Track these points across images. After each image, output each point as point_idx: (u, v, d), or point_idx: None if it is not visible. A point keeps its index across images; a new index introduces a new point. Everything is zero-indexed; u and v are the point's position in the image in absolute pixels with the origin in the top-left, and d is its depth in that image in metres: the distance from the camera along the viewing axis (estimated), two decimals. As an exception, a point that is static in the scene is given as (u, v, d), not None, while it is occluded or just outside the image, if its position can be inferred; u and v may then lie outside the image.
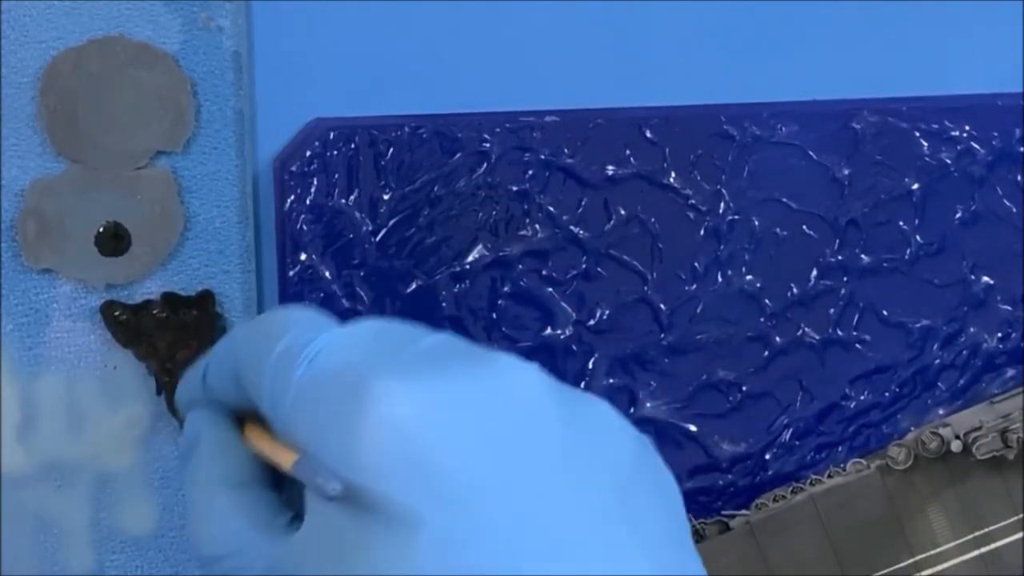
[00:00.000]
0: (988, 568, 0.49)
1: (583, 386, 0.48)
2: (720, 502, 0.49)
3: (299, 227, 0.47)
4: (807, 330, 0.49)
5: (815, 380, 0.49)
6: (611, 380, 0.48)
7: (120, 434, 0.45)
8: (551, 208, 0.48)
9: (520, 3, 0.48)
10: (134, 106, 0.45)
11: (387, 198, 0.48)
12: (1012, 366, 0.49)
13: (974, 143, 0.49)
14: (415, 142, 0.48)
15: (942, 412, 0.49)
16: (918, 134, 0.49)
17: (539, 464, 0.32)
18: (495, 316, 0.48)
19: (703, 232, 0.49)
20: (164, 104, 0.45)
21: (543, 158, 0.48)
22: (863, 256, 0.49)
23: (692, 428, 0.49)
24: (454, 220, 0.48)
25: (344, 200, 0.47)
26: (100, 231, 0.45)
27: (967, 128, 0.49)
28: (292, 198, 0.47)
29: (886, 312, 0.49)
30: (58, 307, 0.45)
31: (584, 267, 0.48)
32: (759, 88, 0.49)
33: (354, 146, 0.47)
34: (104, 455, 0.45)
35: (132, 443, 0.46)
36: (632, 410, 0.48)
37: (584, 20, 0.48)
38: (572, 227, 0.48)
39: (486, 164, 0.48)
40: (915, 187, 0.49)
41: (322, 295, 0.47)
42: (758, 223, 0.49)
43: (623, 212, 0.48)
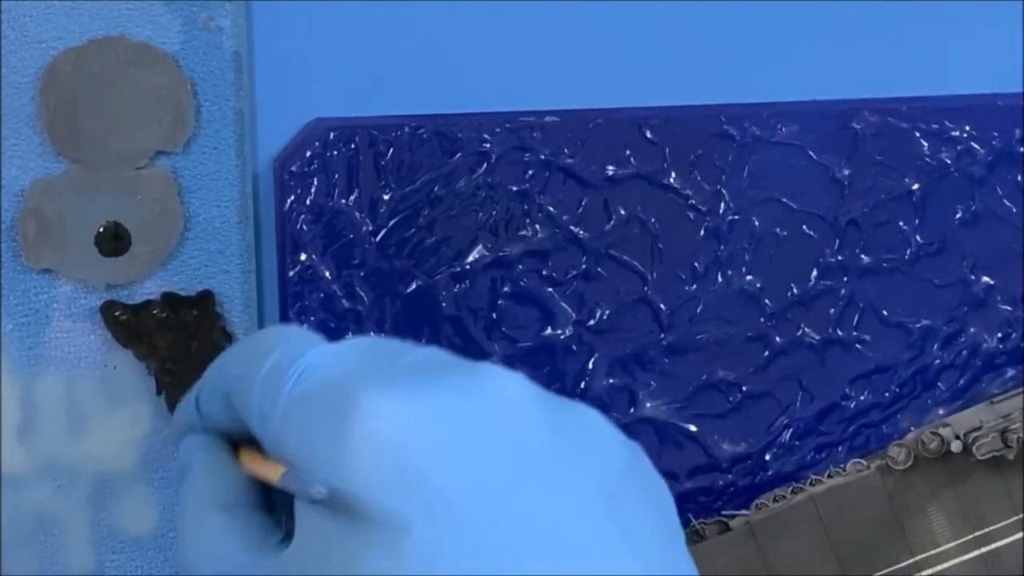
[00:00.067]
0: (988, 568, 0.49)
1: (583, 386, 0.48)
2: (720, 502, 0.49)
3: (299, 227, 0.47)
4: (807, 330, 0.49)
5: (815, 380, 0.49)
6: (611, 380, 0.48)
7: (120, 434, 0.45)
8: (551, 208, 0.48)
9: (520, 3, 0.48)
10: (134, 106, 0.45)
11: (387, 198, 0.48)
12: (1012, 366, 0.49)
13: (974, 143, 0.49)
14: (415, 142, 0.47)
15: (942, 412, 0.49)
16: (918, 134, 0.49)
17: (526, 471, 0.32)
18: (495, 316, 0.48)
19: (703, 232, 0.49)
20: (164, 104, 0.45)
21: (543, 158, 0.48)
22: (863, 256, 0.49)
23: (692, 428, 0.49)
24: (454, 220, 0.48)
25: (344, 200, 0.47)
26: (100, 231, 0.45)
27: (967, 128, 0.49)
28: (292, 198, 0.47)
29: (886, 312, 0.49)
30: (58, 307, 0.45)
31: (584, 267, 0.48)
32: (759, 88, 0.49)
33: (354, 146, 0.47)
34: (104, 455, 0.45)
35: (132, 443, 0.46)
36: (632, 410, 0.48)
37: (584, 20, 0.48)
38: (572, 227, 0.48)
39: (486, 164, 0.48)
40: (915, 187, 0.49)
41: (322, 295, 0.47)
42: (758, 223, 0.49)
43: (623, 212, 0.48)
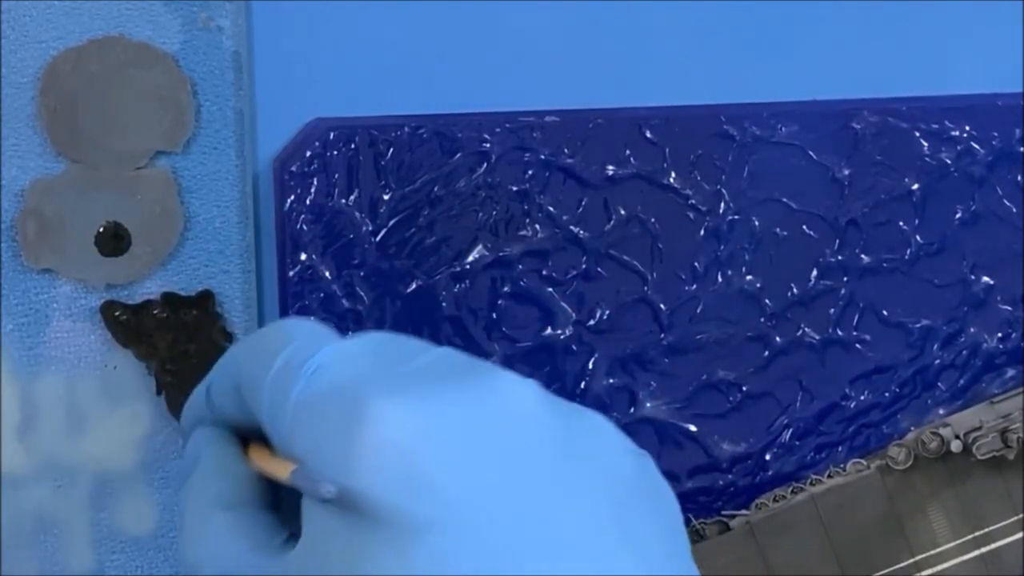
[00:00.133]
0: (988, 568, 0.48)
1: (583, 386, 0.48)
2: (720, 502, 0.49)
3: (299, 227, 0.47)
4: (807, 330, 0.49)
5: (815, 380, 0.49)
6: (611, 380, 0.48)
7: (120, 434, 0.45)
8: (551, 208, 0.48)
9: (520, 3, 0.48)
10: (134, 106, 0.45)
11: (387, 198, 0.48)
12: (1012, 366, 0.49)
13: (974, 143, 0.49)
14: (415, 142, 0.47)
15: (942, 412, 0.49)
16: (918, 134, 0.49)
17: (534, 478, 0.32)
18: (495, 316, 0.48)
19: (703, 232, 0.49)
20: (164, 104, 0.45)
21: (543, 158, 0.48)
22: (863, 256, 0.49)
23: (692, 428, 0.49)
24: (454, 220, 0.48)
25: (344, 200, 0.47)
26: (100, 231, 0.45)
27: (967, 128, 0.49)
28: (292, 198, 0.47)
29: (886, 312, 0.49)
30: (58, 307, 0.45)
31: (584, 267, 0.48)
32: (759, 88, 0.49)
33: (354, 146, 0.47)
34: (104, 455, 0.45)
35: (132, 443, 0.46)
36: (632, 410, 0.48)
37: (584, 20, 0.48)
38: (572, 227, 0.48)
39: (486, 164, 0.48)
40: (915, 187, 0.49)
41: (322, 295, 0.47)
42: (758, 223, 0.49)
43: (623, 212, 0.48)
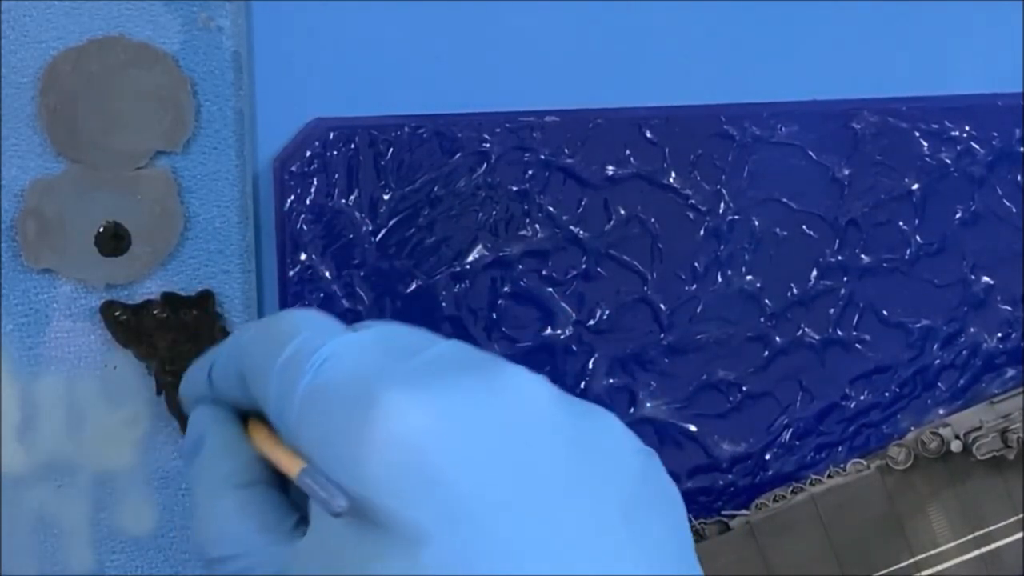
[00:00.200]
0: (988, 568, 0.48)
1: (583, 386, 0.48)
2: (720, 502, 0.49)
3: (299, 227, 0.47)
4: (807, 330, 0.49)
5: (815, 380, 0.49)
6: (611, 380, 0.48)
7: (120, 434, 0.45)
8: (551, 208, 0.48)
9: (520, 3, 0.48)
10: (134, 106, 0.45)
11: (387, 198, 0.48)
12: (1012, 366, 0.49)
13: (974, 143, 0.49)
14: (415, 142, 0.47)
15: (942, 412, 0.49)
16: (918, 134, 0.49)
17: (545, 480, 0.32)
18: (495, 316, 0.48)
19: (703, 232, 0.49)
20: (164, 104, 0.45)
21: (543, 158, 0.48)
22: (863, 256, 0.49)
23: (692, 428, 0.49)
24: (454, 220, 0.48)
25: (344, 200, 0.47)
26: (100, 231, 0.45)
27: (967, 128, 0.49)
28: (292, 198, 0.47)
29: (886, 312, 0.49)
30: (58, 307, 0.45)
31: (584, 267, 0.48)
32: (759, 88, 0.49)
33: (354, 146, 0.47)
34: (104, 455, 0.45)
35: (132, 443, 0.46)
36: (632, 410, 0.48)
37: (584, 20, 0.48)
38: (572, 227, 0.48)
39: (486, 164, 0.48)
40: (915, 187, 0.49)
41: (322, 295, 0.47)
42: (758, 223, 0.49)
43: (623, 212, 0.48)
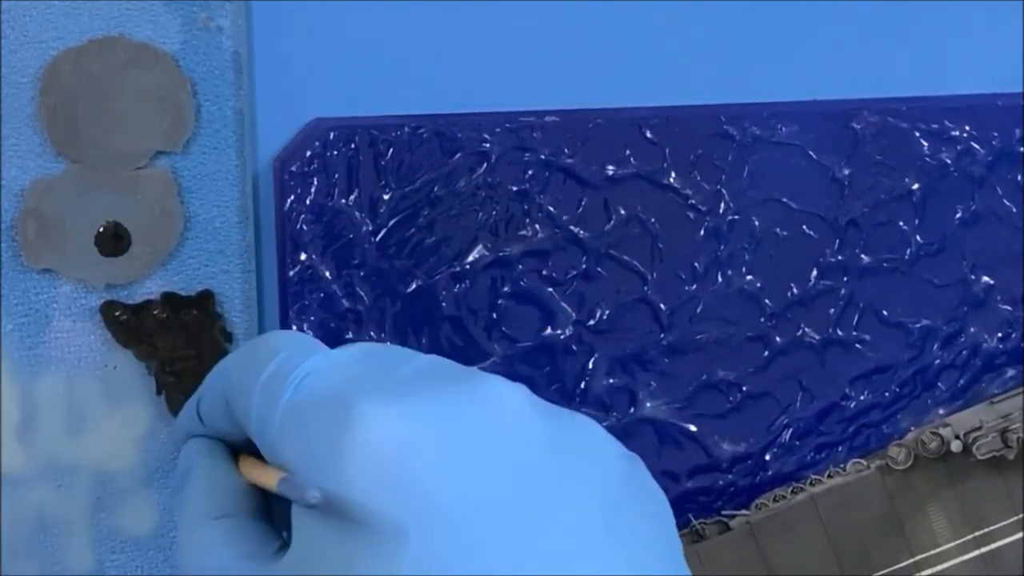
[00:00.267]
0: (988, 568, 0.49)
1: (583, 386, 0.48)
2: (720, 502, 0.49)
3: (299, 227, 0.47)
4: (807, 330, 0.49)
5: (815, 380, 0.49)
6: (611, 380, 0.48)
7: (120, 434, 0.45)
8: (551, 208, 0.48)
9: (520, 3, 0.48)
10: (134, 106, 0.45)
11: (387, 198, 0.48)
12: (1012, 366, 0.49)
13: (974, 143, 0.49)
14: (415, 142, 0.47)
15: (942, 412, 0.49)
16: (918, 134, 0.49)
17: (524, 483, 0.32)
18: (495, 316, 0.48)
19: (703, 232, 0.49)
20: (164, 104, 0.45)
21: (543, 158, 0.48)
22: (863, 256, 0.49)
23: (692, 428, 0.49)
24: (454, 220, 0.48)
25: (344, 200, 0.47)
26: (100, 231, 0.45)
27: (967, 128, 0.49)
28: (292, 198, 0.47)
29: (886, 312, 0.49)
30: (58, 307, 0.45)
31: (584, 267, 0.48)
32: (759, 88, 0.49)
33: (354, 146, 0.47)
34: (104, 455, 0.45)
35: (132, 443, 0.46)
36: (632, 410, 0.48)
37: (584, 20, 0.48)
38: (572, 227, 0.48)
39: (486, 164, 0.48)
40: (915, 187, 0.49)
41: (322, 295, 0.47)
42: (758, 223, 0.49)
43: (623, 212, 0.48)
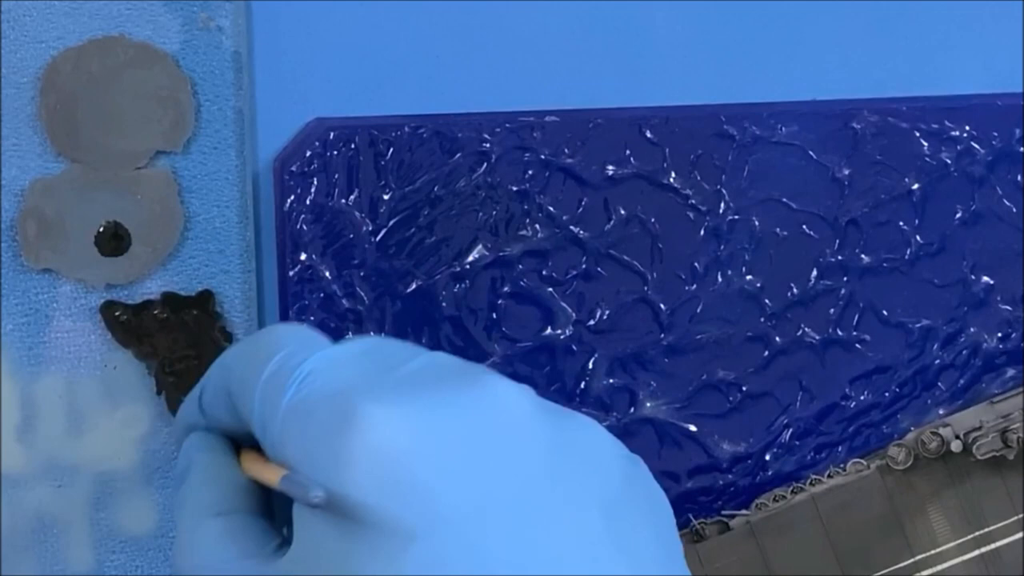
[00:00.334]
0: (988, 568, 0.48)
1: (583, 386, 0.48)
2: (720, 502, 0.49)
3: (299, 227, 0.47)
4: (807, 330, 0.49)
5: (815, 380, 0.49)
6: (611, 380, 0.48)
7: (120, 434, 0.45)
8: (551, 208, 0.48)
9: (520, 3, 0.48)
10: (134, 106, 0.45)
11: (387, 198, 0.48)
12: (1012, 366, 0.49)
13: (974, 143, 0.49)
14: (415, 142, 0.47)
15: (942, 412, 0.49)
16: (918, 134, 0.49)
17: (525, 484, 0.32)
18: (495, 316, 0.48)
19: (703, 232, 0.49)
20: (164, 104, 0.45)
21: (543, 158, 0.48)
22: (863, 256, 0.49)
23: (692, 428, 0.49)
24: (454, 220, 0.48)
25: (344, 200, 0.47)
26: (100, 231, 0.45)
27: (967, 128, 0.49)
28: (292, 198, 0.47)
29: (886, 312, 0.49)
30: (58, 307, 0.45)
31: (584, 267, 0.48)
32: (759, 88, 0.49)
33: (354, 146, 0.47)
34: (104, 455, 0.45)
35: (132, 443, 0.46)
36: (632, 410, 0.48)
37: (584, 20, 0.48)
38: (572, 227, 0.48)
39: (486, 164, 0.48)
40: (915, 187, 0.49)
41: (322, 295, 0.47)
42: (758, 223, 0.49)
43: (623, 212, 0.48)
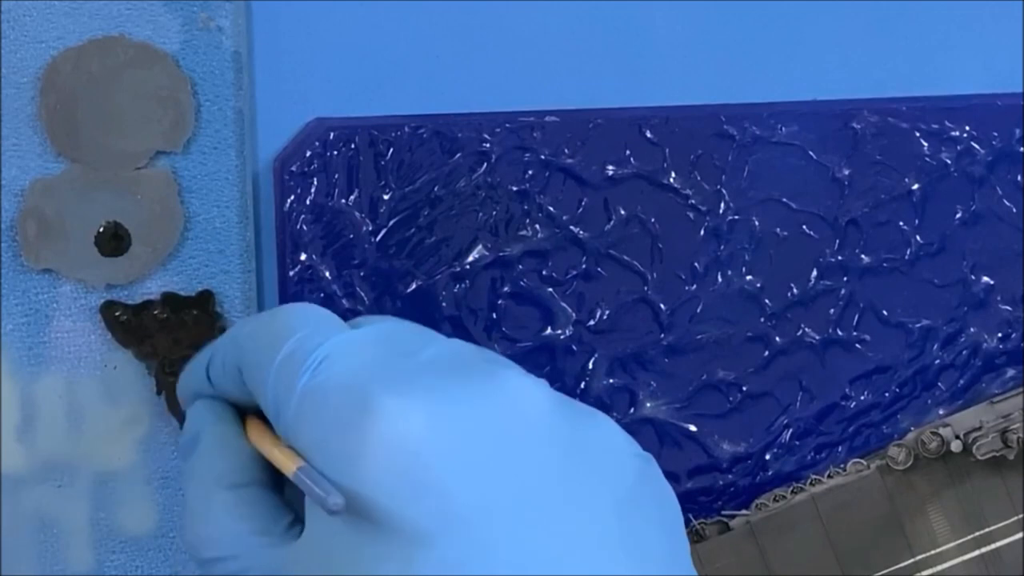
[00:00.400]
0: (988, 568, 0.48)
1: (583, 386, 0.48)
2: (720, 502, 0.49)
3: (299, 227, 0.47)
4: (807, 330, 0.49)
5: (815, 380, 0.49)
6: (611, 380, 0.48)
7: (120, 434, 0.45)
8: (551, 208, 0.48)
9: (520, 3, 0.48)
10: (134, 106, 0.45)
11: (387, 198, 0.48)
12: (1012, 366, 0.49)
13: (974, 143, 0.49)
14: (415, 142, 0.47)
15: (942, 412, 0.49)
16: (918, 134, 0.49)
17: (541, 484, 0.32)
18: (495, 316, 0.48)
19: (703, 232, 0.49)
20: (164, 104, 0.45)
21: (543, 158, 0.48)
22: (863, 256, 0.49)
23: (692, 428, 0.49)
24: (454, 220, 0.48)
25: (344, 200, 0.47)
26: (100, 231, 0.45)
27: (967, 128, 0.49)
28: (292, 198, 0.47)
29: (886, 312, 0.49)
30: (58, 307, 0.45)
31: (584, 267, 0.48)
32: (759, 88, 0.49)
33: (354, 146, 0.47)
34: (104, 455, 0.45)
35: (132, 443, 0.46)
36: (632, 410, 0.48)
37: (584, 20, 0.48)
38: (572, 227, 0.48)
39: (486, 164, 0.48)
40: (915, 187, 0.49)
41: (322, 295, 0.47)
42: (758, 223, 0.49)
43: (623, 212, 0.48)
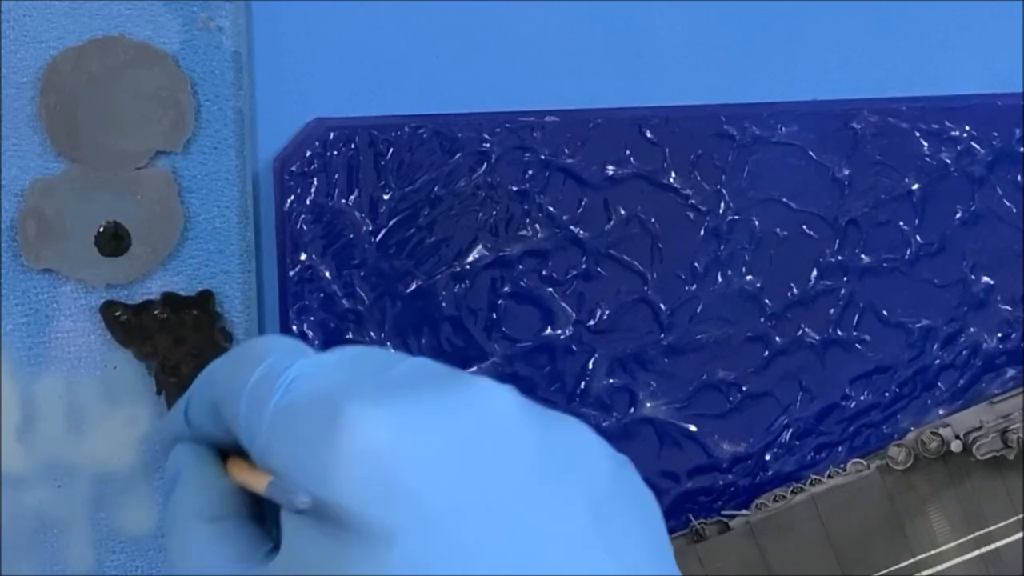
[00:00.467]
0: (988, 568, 0.49)
1: (583, 386, 0.48)
2: (720, 502, 0.49)
3: (299, 227, 0.47)
4: (807, 330, 0.49)
5: (815, 380, 0.49)
6: (611, 380, 0.48)
7: (120, 434, 0.45)
8: (551, 208, 0.48)
9: (520, 3, 0.48)
10: (134, 106, 0.45)
11: (387, 198, 0.48)
12: (1012, 366, 0.49)
13: (974, 143, 0.49)
14: (415, 142, 0.47)
15: (942, 412, 0.49)
16: (918, 134, 0.49)
17: (512, 485, 0.32)
18: (495, 316, 0.48)
19: (703, 232, 0.49)
20: (164, 104, 0.45)
21: (543, 158, 0.48)
22: (863, 256, 0.49)
23: (692, 428, 0.49)
24: (454, 220, 0.48)
25: (344, 200, 0.47)
26: (100, 231, 0.45)
27: (967, 128, 0.49)
28: (292, 198, 0.47)
29: (886, 312, 0.49)
30: (58, 307, 0.45)
31: (584, 267, 0.48)
32: (759, 88, 0.49)
33: (354, 146, 0.47)
34: (104, 455, 0.45)
35: (132, 443, 0.46)
36: (632, 410, 0.48)
37: (584, 20, 0.48)
38: (572, 227, 0.48)
39: (486, 164, 0.48)
40: (915, 187, 0.49)
41: (322, 295, 0.47)
42: (758, 223, 0.49)
43: (623, 212, 0.48)
